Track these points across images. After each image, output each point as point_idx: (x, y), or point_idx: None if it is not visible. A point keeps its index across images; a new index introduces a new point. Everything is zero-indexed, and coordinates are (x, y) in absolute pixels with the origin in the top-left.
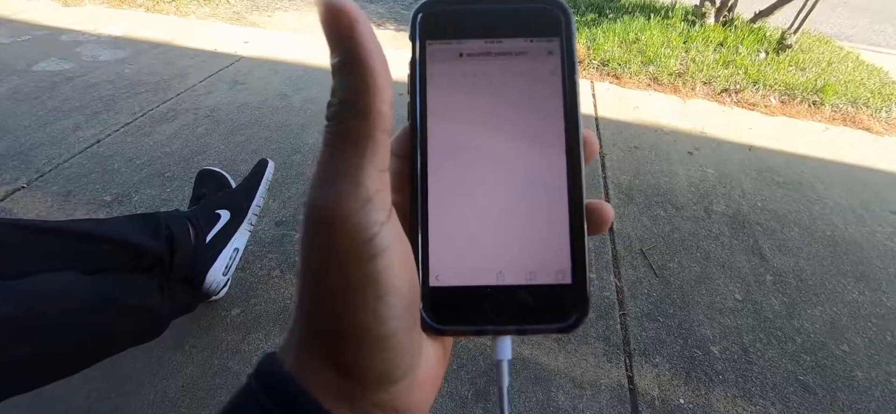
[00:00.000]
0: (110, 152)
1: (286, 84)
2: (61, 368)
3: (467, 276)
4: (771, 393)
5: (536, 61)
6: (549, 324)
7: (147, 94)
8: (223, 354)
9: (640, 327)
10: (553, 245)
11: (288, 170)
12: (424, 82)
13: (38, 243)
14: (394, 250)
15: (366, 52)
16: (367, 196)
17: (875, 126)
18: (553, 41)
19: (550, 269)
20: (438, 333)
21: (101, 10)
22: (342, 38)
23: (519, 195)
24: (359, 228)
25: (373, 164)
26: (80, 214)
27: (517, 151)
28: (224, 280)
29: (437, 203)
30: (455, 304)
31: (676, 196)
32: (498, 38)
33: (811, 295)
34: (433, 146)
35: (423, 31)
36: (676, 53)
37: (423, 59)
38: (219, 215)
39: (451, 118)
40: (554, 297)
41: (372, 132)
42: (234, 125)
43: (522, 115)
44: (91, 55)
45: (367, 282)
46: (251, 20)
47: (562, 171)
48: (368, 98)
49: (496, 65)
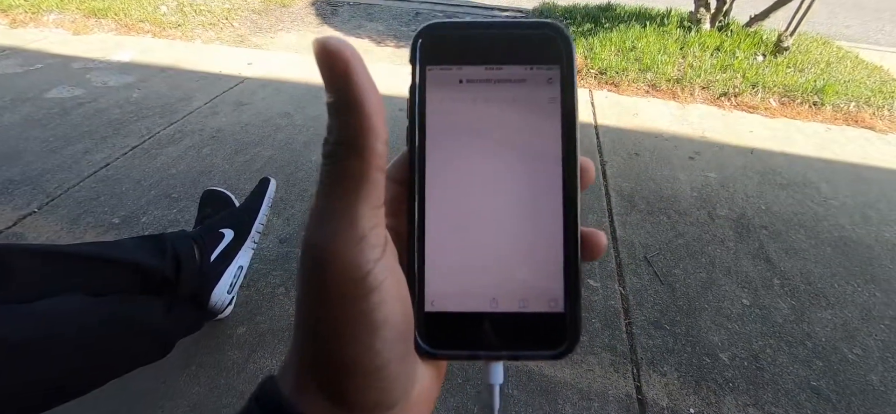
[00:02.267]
0: (118, 175)
1: (289, 103)
2: (69, 391)
3: (462, 302)
4: (784, 400)
5: (536, 89)
6: (541, 351)
7: (154, 117)
8: (229, 374)
9: (646, 336)
10: (547, 273)
11: (291, 187)
12: (423, 107)
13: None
14: (387, 285)
15: (360, 93)
16: (361, 234)
17: (878, 124)
18: (553, 69)
19: (544, 297)
20: (432, 357)
21: (110, 37)
22: (337, 79)
23: (515, 223)
24: (353, 267)
25: (368, 202)
26: (89, 237)
27: (514, 179)
28: (229, 298)
29: (433, 229)
30: (449, 329)
31: (679, 202)
32: (498, 65)
33: (820, 298)
34: (431, 172)
35: (424, 56)
36: (673, 59)
37: (423, 84)
38: (223, 234)
39: (449, 144)
40: (546, 325)
41: (367, 171)
42: (238, 145)
43: (521, 143)
44: (101, 81)
45: (360, 317)
46: (254, 42)
47: (558, 200)
48: (363, 139)
49: (496, 92)
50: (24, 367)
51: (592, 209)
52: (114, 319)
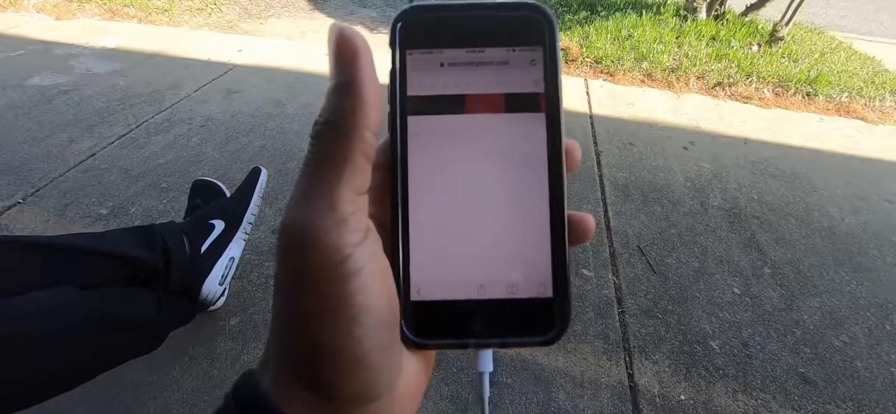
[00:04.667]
0: (105, 165)
1: (281, 91)
2: (59, 384)
3: (449, 290)
4: (772, 386)
5: (519, 71)
6: (530, 337)
7: (141, 106)
8: (222, 365)
9: (639, 324)
10: (534, 258)
11: (284, 177)
12: (404, 92)
13: (34, 260)
14: (369, 271)
15: (362, 79)
16: (340, 217)
17: (869, 115)
18: (536, 50)
19: (532, 282)
20: (420, 347)
21: (94, 23)
22: (344, 64)
23: (500, 208)
24: (332, 249)
25: (349, 185)
26: (76, 228)
27: (499, 163)
28: (220, 290)
29: (417, 216)
30: (436, 318)
31: (673, 191)
32: (480, 47)
33: (809, 286)
34: (414, 158)
35: (404, 40)
36: (669, 49)
37: (404, 68)
38: (213, 226)
39: (431, 130)
40: (535, 310)
41: (351, 155)
42: (229, 134)
43: (504, 126)
44: (85, 68)
45: (340, 303)
46: (244, 28)
47: (544, 184)
48: (352, 120)
49: (478, 75)
50: (12, 360)
51: (587, 199)
52: (103, 313)
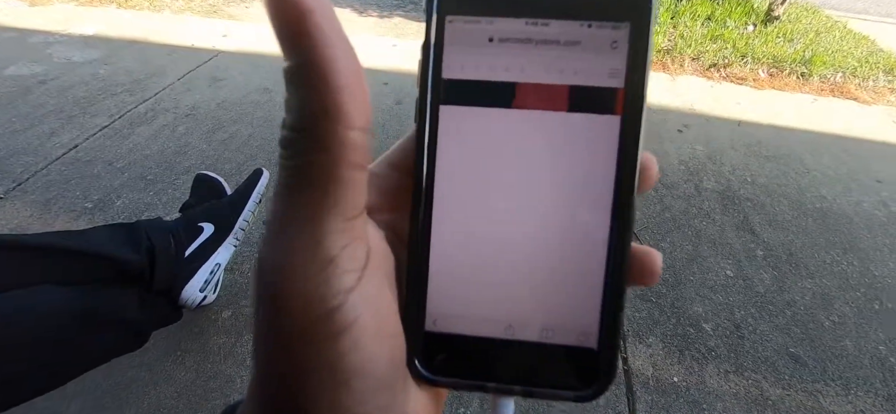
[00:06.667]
0: (89, 157)
1: (268, 78)
2: (42, 384)
3: (470, 324)
4: (763, 366)
5: (594, 56)
6: (562, 390)
7: (124, 95)
8: (216, 358)
9: (633, 308)
10: (580, 300)
11: (274, 169)
12: (438, 73)
13: (17, 259)
14: (364, 322)
15: (325, 56)
16: (328, 255)
17: (862, 96)
18: (620, 28)
19: (573, 328)
20: (430, 383)
21: (70, 9)
22: (292, 35)
23: (545, 232)
24: (315, 300)
25: (337, 212)
26: (60, 223)
27: (551, 177)
28: (201, 296)
29: (442, 234)
30: (453, 353)
31: (667, 175)
32: (544, 19)
33: (801, 268)
34: (443, 160)
35: (443, 2)
36: (664, 29)
37: (441, 40)
38: (202, 228)
39: (468, 126)
40: (572, 361)
41: (335, 170)
42: (215, 123)
43: (565, 130)
44: (63, 56)
45: (324, 367)
46: (228, 12)
47: (606, 209)
48: (327, 123)
49: (537, 56)
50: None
51: None
52: (85, 312)
